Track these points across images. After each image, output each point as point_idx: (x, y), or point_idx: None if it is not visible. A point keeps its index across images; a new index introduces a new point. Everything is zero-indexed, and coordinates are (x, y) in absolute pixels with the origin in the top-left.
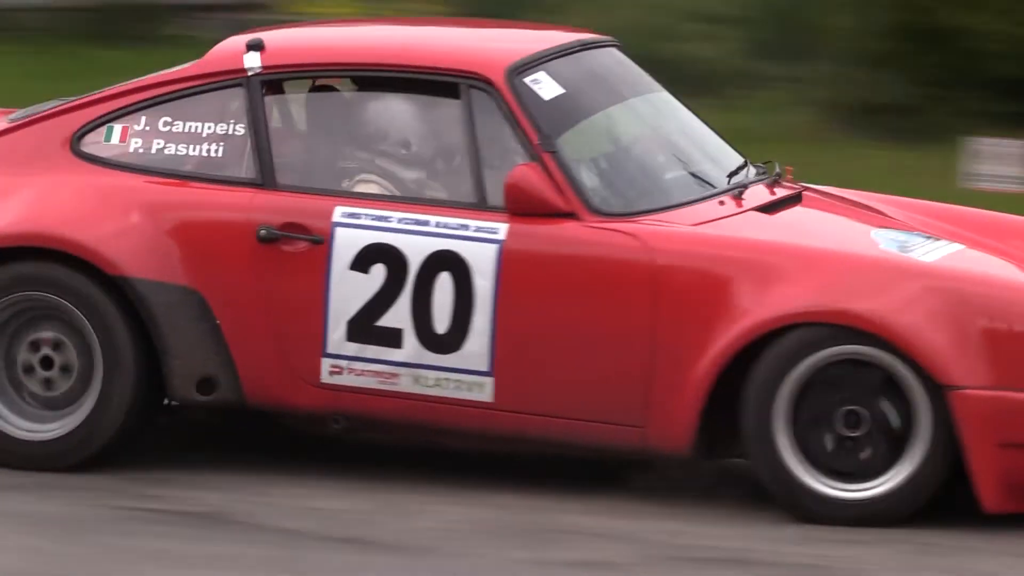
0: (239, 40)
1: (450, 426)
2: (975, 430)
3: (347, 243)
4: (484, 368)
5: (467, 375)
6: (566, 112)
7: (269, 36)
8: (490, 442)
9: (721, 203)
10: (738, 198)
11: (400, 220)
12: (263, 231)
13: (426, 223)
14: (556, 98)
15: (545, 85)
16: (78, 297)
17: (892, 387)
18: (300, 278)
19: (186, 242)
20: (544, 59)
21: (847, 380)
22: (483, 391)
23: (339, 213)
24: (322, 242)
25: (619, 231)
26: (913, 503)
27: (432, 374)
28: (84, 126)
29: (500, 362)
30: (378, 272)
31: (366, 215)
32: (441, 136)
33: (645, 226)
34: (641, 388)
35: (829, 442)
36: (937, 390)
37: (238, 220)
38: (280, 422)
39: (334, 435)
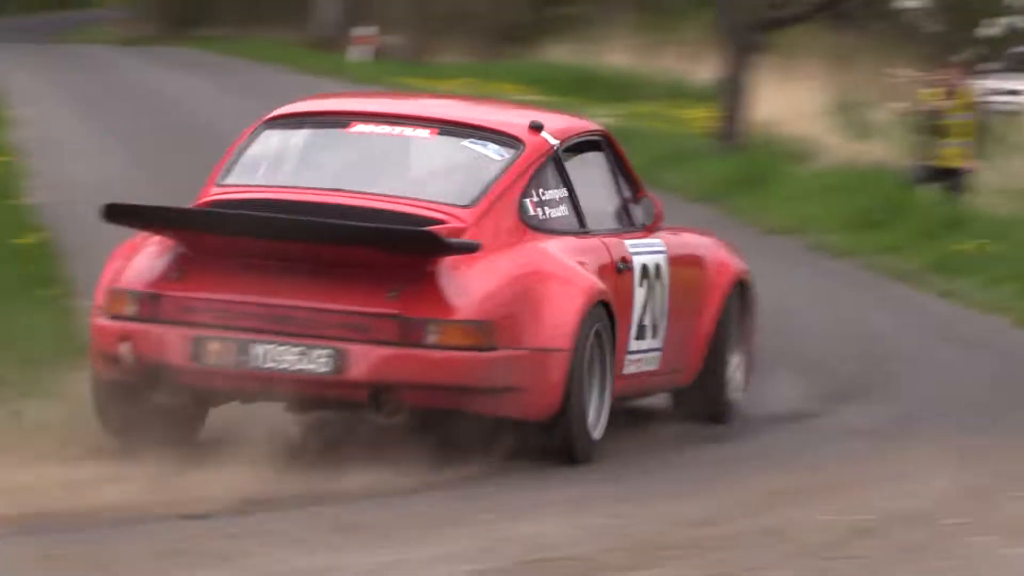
0: (517, 123)
1: None
2: None
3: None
4: None
5: None
6: None
7: (538, 120)
8: None
9: None
10: None
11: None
12: (622, 265)
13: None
14: None
15: None
16: None
17: None
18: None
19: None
20: None
21: None
22: None
23: (628, 247)
24: (629, 268)
25: None
26: None
27: None
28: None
29: None
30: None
31: (639, 245)
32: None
33: None
34: None
35: None
36: None
37: (608, 260)
38: None
39: None
